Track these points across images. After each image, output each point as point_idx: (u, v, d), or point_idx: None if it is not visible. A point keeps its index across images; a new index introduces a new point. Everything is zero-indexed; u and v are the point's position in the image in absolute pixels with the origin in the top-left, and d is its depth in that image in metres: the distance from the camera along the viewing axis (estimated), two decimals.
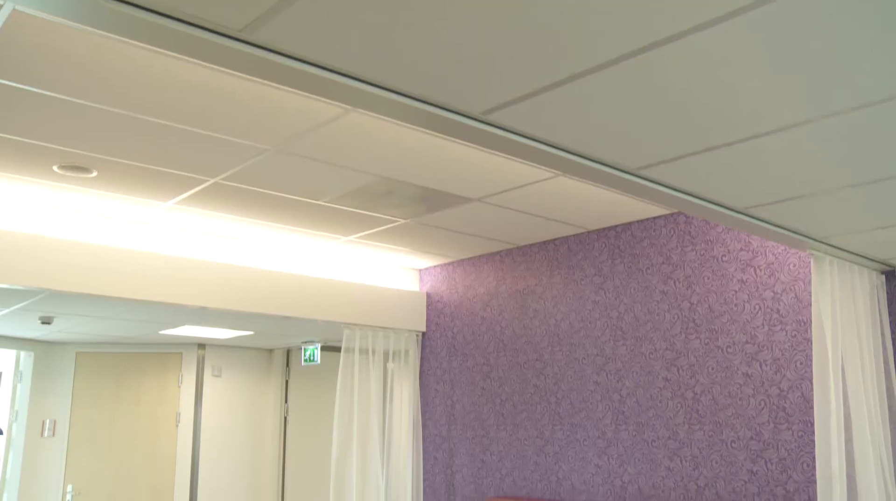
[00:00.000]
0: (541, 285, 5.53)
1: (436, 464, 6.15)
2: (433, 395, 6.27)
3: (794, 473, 4.02)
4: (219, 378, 7.86)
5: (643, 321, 4.85)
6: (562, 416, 5.25)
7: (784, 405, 4.10)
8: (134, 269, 4.90)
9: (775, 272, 4.24)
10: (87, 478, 7.59)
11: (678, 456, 4.55)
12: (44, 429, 7.58)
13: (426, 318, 6.44)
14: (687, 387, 4.56)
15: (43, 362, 7.66)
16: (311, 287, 5.71)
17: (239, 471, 7.89)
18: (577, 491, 5.08)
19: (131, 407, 7.71)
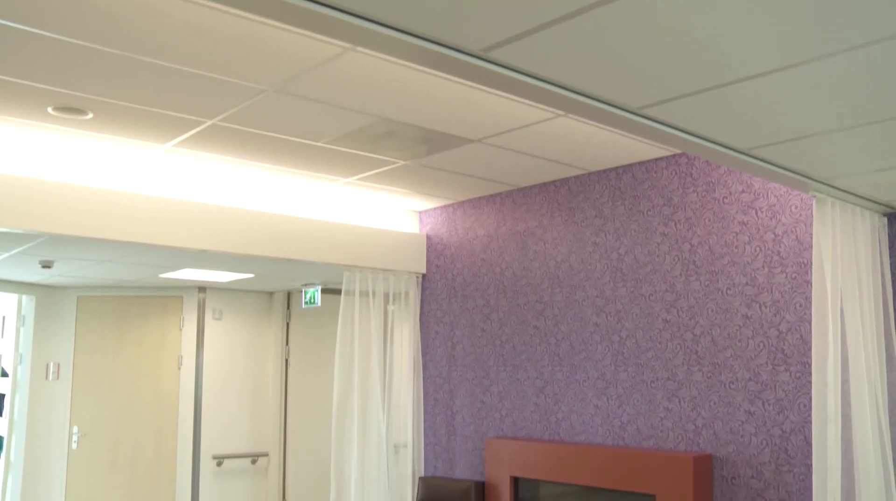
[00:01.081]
0: (541, 227, 5.52)
1: (436, 405, 6.22)
2: (433, 337, 6.31)
3: (791, 413, 4.06)
4: (220, 321, 7.90)
5: (643, 262, 4.85)
6: (561, 357, 5.28)
7: (783, 347, 4.13)
8: (133, 212, 4.88)
9: (777, 214, 4.22)
10: (93, 420, 7.69)
11: (677, 397, 4.60)
12: (48, 372, 7.65)
13: (426, 260, 6.44)
14: (686, 329, 4.58)
15: (45, 306, 7.69)
16: (310, 230, 5.70)
17: (241, 413, 7.98)
18: (576, 432, 5.15)
19: (133, 350, 7.77)
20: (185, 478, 7.58)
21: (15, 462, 7.48)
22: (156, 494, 7.58)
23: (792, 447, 4.05)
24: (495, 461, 5.38)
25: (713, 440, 4.40)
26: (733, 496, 4.28)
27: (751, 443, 4.22)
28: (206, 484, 7.65)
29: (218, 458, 7.73)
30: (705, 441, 4.44)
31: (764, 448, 4.16)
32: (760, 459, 4.17)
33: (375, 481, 5.92)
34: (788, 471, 4.05)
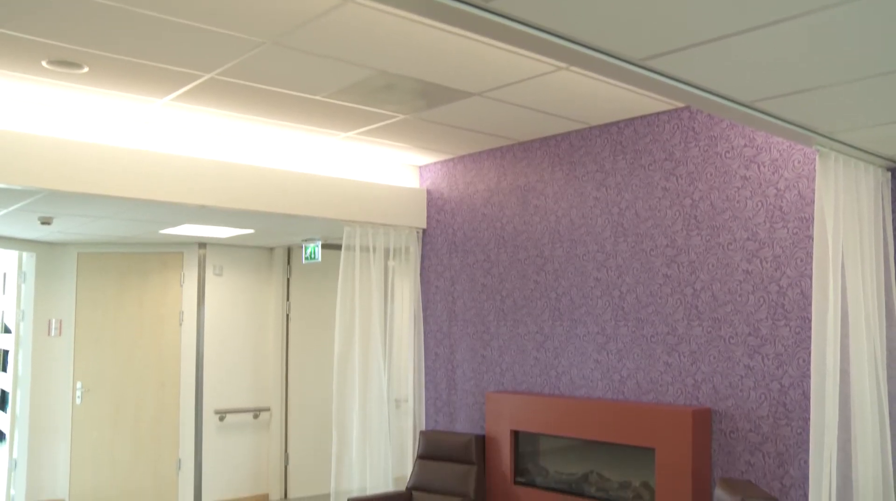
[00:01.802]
0: (542, 182, 5.49)
1: (437, 360, 6.26)
2: (434, 292, 6.32)
3: (790, 368, 4.08)
4: (220, 277, 7.91)
5: (644, 217, 4.83)
6: (562, 312, 5.29)
7: (783, 302, 4.13)
8: (131, 167, 4.85)
9: (779, 169, 4.19)
10: (96, 376, 7.74)
11: (676, 352, 4.62)
12: (50, 328, 7.69)
13: (426, 215, 6.42)
14: (687, 284, 4.58)
15: (45, 262, 7.70)
16: (310, 185, 5.67)
17: (243, 368, 8.04)
18: (576, 386, 5.18)
19: (134, 307, 7.79)
20: (188, 433, 7.66)
21: (21, 417, 7.56)
22: (159, 448, 7.67)
23: (790, 401, 4.07)
24: (495, 415, 5.43)
25: (712, 394, 4.43)
26: (731, 449, 4.32)
27: (749, 397, 4.25)
28: (208, 439, 7.73)
29: (220, 413, 7.80)
30: (704, 395, 4.47)
31: (762, 402, 4.19)
32: (759, 413, 4.20)
33: (377, 435, 5.98)
34: (786, 425, 4.08)
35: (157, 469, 7.66)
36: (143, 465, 7.67)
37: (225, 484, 7.83)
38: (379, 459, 5.99)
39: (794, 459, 4.05)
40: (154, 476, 7.65)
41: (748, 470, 4.24)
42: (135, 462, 7.67)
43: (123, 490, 7.66)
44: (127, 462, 7.68)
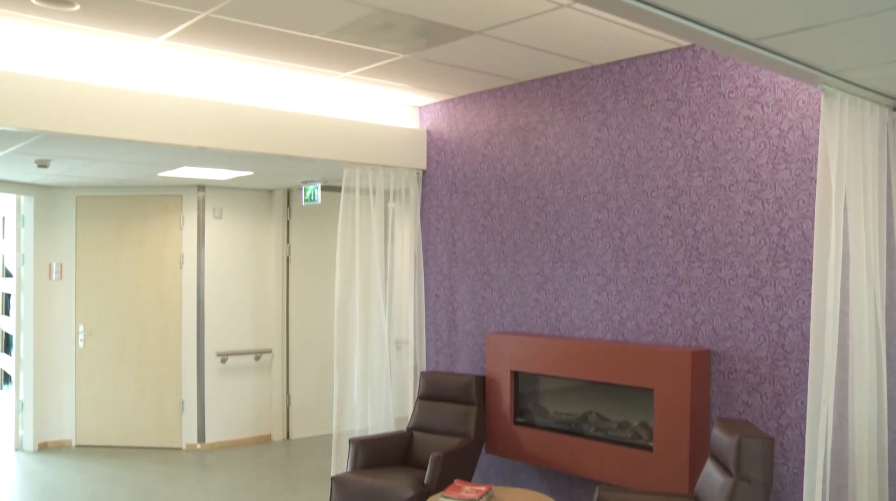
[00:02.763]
0: (543, 122, 5.43)
1: (437, 301, 6.28)
2: (434, 233, 6.31)
3: (790, 310, 4.09)
4: (220, 220, 7.89)
5: (646, 158, 4.79)
6: (562, 253, 5.29)
7: (784, 244, 4.12)
8: (128, 109, 4.79)
9: (783, 109, 4.14)
10: (97, 319, 7.79)
11: (676, 293, 4.62)
12: (51, 272, 7.70)
13: (426, 156, 6.37)
14: (688, 225, 4.57)
15: (44, 206, 7.68)
16: (309, 125, 5.61)
17: (244, 311, 8.07)
18: (575, 327, 5.20)
19: (135, 250, 7.80)
20: (190, 375, 7.74)
21: (25, 360, 7.62)
22: (163, 390, 7.75)
23: (789, 342, 4.09)
24: (496, 356, 5.46)
25: (712, 335, 4.45)
26: (730, 390, 4.35)
27: (748, 339, 4.27)
28: (210, 381, 7.81)
29: (222, 355, 7.86)
30: (704, 336, 4.48)
31: (761, 343, 4.21)
32: (757, 354, 4.22)
33: (378, 376, 6.03)
34: (784, 366, 4.11)
35: (161, 411, 7.75)
36: (146, 407, 7.76)
37: (227, 425, 7.94)
38: (380, 400, 6.06)
39: (791, 399, 4.09)
40: (157, 418, 7.75)
41: (746, 411, 4.28)
42: (138, 403, 7.76)
43: (128, 430, 7.76)
44: (130, 403, 7.77)
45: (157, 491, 6.26)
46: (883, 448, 3.53)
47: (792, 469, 4.10)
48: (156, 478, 6.66)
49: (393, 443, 5.42)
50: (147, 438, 7.77)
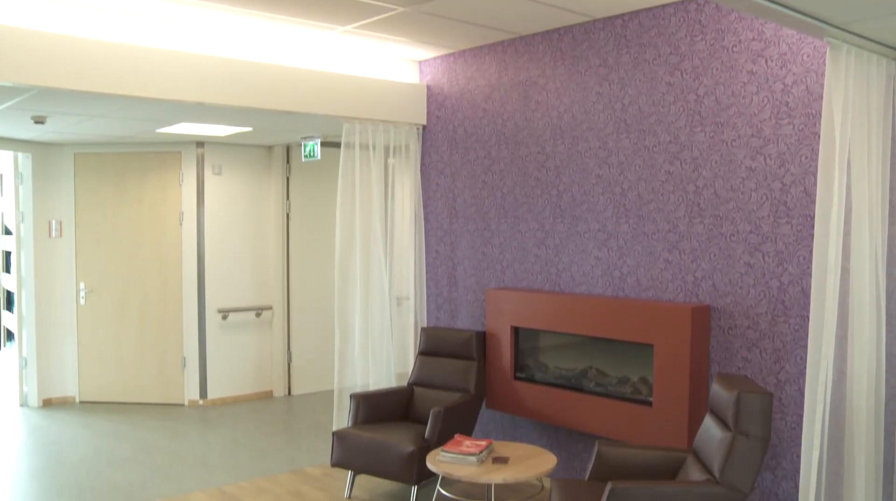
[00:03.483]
0: (544, 77, 5.37)
1: (437, 257, 6.27)
2: (434, 189, 6.28)
3: (790, 266, 4.08)
4: (219, 176, 7.86)
5: (648, 113, 4.74)
6: (563, 209, 5.27)
7: (785, 200, 4.09)
8: (125, 64, 4.73)
9: (787, 63, 4.08)
10: (98, 276, 7.79)
11: (677, 249, 4.61)
12: (50, 230, 7.69)
13: (426, 111, 6.32)
14: (689, 181, 4.54)
15: (42, 163, 7.64)
16: (308, 81, 5.55)
17: (244, 267, 8.08)
18: (576, 283, 5.20)
19: (134, 207, 7.77)
20: (191, 331, 7.77)
21: (27, 317, 7.65)
22: (164, 347, 7.79)
23: (789, 298, 4.09)
24: (496, 311, 5.48)
25: (712, 291, 4.45)
26: (729, 345, 4.37)
27: (749, 294, 4.27)
28: (212, 337, 7.84)
29: (223, 312, 7.88)
30: (704, 292, 4.49)
31: (761, 299, 4.21)
32: (757, 310, 4.23)
33: (378, 332, 6.06)
34: (784, 322, 4.12)
35: (163, 367, 7.80)
36: (148, 363, 7.81)
37: (229, 382, 8.00)
38: (381, 356, 6.09)
39: (790, 355, 4.10)
40: (160, 374, 7.81)
41: (745, 366, 4.30)
42: (140, 360, 7.81)
43: (130, 387, 7.82)
44: (133, 360, 7.82)
45: (160, 446, 6.33)
46: (880, 403, 3.55)
47: (790, 423, 4.13)
48: (158, 434, 6.73)
49: (394, 398, 5.46)
50: (149, 394, 7.83)
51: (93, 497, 5.12)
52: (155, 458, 6.01)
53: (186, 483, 5.41)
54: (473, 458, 4.41)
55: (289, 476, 5.58)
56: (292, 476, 5.56)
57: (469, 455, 4.42)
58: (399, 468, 4.74)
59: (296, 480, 5.47)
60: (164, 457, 6.04)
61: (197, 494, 5.19)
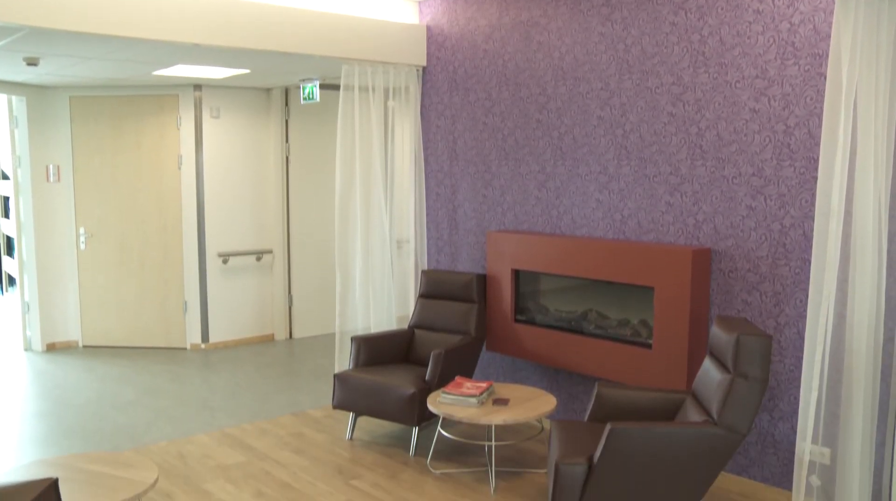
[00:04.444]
0: (545, 17, 5.27)
1: (438, 200, 6.25)
2: (434, 131, 6.22)
3: (792, 209, 4.06)
4: (217, 120, 7.78)
5: (651, 54, 4.67)
6: (564, 151, 5.22)
7: (789, 142, 4.05)
8: (118, 4, 4.64)
9: (794, 2, 3.99)
10: (98, 221, 7.78)
11: (679, 192, 4.58)
12: (48, 174, 7.65)
13: (426, 52, 6.22)
14: (692, 122, 4.49)
15: (37, 107, 7.55)
16: (306, 21, 5.45)
17: (244, 211, 8.05)
18: (577, 225, 5.18)
19: (132, 151, 7.71)
20: (192, 276, 7.78)
21: (28, 262, 7.66)
22: (166, 291, 7.81)
23: (790, 241, 4.08)
24: (497, 254, 5.47)
25: (713, 234, 4.43)
26: (730, 288, 4.37)
27: (750, 238, 4.25)
28: (212, 281, 7.86)
29: (223, 256, 7.89)
30: (705, 235, 4.47)
31: (762, 242, 4.20)
32: (758, 253, 4.22)
33: (379, 275, 6.06)
34: (785, 265, 4.11)
35: (164, 312, 7.84)
36: (149, 308, 7.84)
37: (231, 325, 8.04)
38: (382, 299, 6.11)
39: (790, 298, 4.10)
40: (161, 318, 7.84)
41: (745, 309, 4.31)
42: (142, 304, 7.84)
43: (133, 331, 7.87)
44: (134, 304, 7.85)
45: (163, 389, 6.39)
46: (879, 346, 3.57)
47: (788, 366, 4.15)
48: (161, 377, 6.79)
49: (394, 341, 5.49)
50: (152, 338, 7.88)
51: (98, 439, 5.19)
52: (158, 401, 6.07)
53: (190, 426, 5.48)
54: (474, 400, 4.45)
55: (291, 418, 5.64)
56: (294, 418, 5.62)
57: (469, 396, 4.46)
58: (400, 409, 4.79)
59: (298, 422, 5.54)
60: (168, 400, 6.10)
61: (200, 436, 5.25)
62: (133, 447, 5.07)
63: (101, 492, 3.22)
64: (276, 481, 4.46)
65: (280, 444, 5.08)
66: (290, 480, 4.47)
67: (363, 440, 5.16)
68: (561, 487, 3.54)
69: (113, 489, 3.26)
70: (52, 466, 3.51)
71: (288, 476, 4.53)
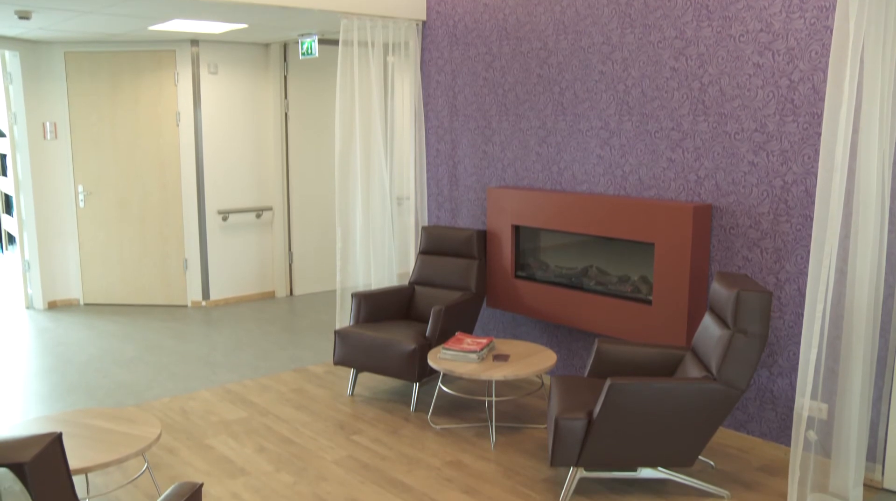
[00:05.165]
0: None
1: (438, 156, 6.21)
2: (434, 86, 6.16)
3: (794, 165, 4.03)
4: (215, 76, 7.70)
5: (653, 7, 4.59)
6: (565, 106, 5.18)
7: (793, 97, 4.01)
8: None
9: None
10: (96, 178, 7.74)
11: (680, 148, 4.55)
12: (45, 132, 7.59)
13: (426, 6, 6.13)
14: (694, 77, 4.44)
15: (31, 63, 7.46)
16: None
17: (243, 168, 8.01)
18: (577, 181, 5.16)
19: (130, 108, 7.65)
20: (192, 233, 7.77)
21: (27, 220, 7.64)
22: (166, 249, 7.80)
23: (792, 198, 4.06)
24: (497, 210, 5.45)
25: (714, 190, 4.41)
26: (730, 245, 4.36)
27: (751, 194, 4.23)
28: (213, 238, 7.85)
29: (223, 213, 7.86)
30: (706, 191, 4.45)
31: (764, 198, 4.18)
32: (760, 209, 4.20)
33: (379, 232, 6.05)
34: (786, 221, 4.09)
35: (165, 269, 7.84)
36: (150, 265, 7.84)
37: (231, 283, 8.05)
38: (382, 255, 6.10)
39: (791, 255, 4.10)
40: (162, 276, 7.85)
41: (745, 266, 4.31)
42: (142, 262, 7.84)
43: (133, 289, 7.88)
44: (135, 262, 7.85)
45: (164, 346, 6.42)
46: (879, 302, 3.57)
47: (788, 322, 4.16)
48: (163, 334, 6.81)
49: (395, 297, 5.50)
50: (153, 296, 7.90)
51: (102, 395, 5.23)
52: (160, 358, 6.10)
53: (191, 382, 5.51)
54: (474, 355, 4.46)
55: (292, 374, 5.67)
56: (295, 375, 5.65)
57: (470, 352, 4.48)
58: (400, 365, 4.81)
59: (299, 378, 5.57)
60: (169, 357, 6.13)
61: (202, 392, 5.29)
62: (136, 403, 5.10)
63: (106, 447, 3.25)
64: (278, 436, 4.50)
65: (281, 400, 5.11)
66: (291, 435, 4.51)
67: (364, 396, 5.19)
68: (561, 442, 3.57)
69: (117, 443, 3.28)
70: (56, 421, 3.54)
71: (289, 431, 4.57)
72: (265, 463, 4.13)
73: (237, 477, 3.96)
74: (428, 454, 4.24)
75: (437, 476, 3.96)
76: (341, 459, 4.18)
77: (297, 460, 4.17)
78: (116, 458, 3.15)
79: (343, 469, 4.06)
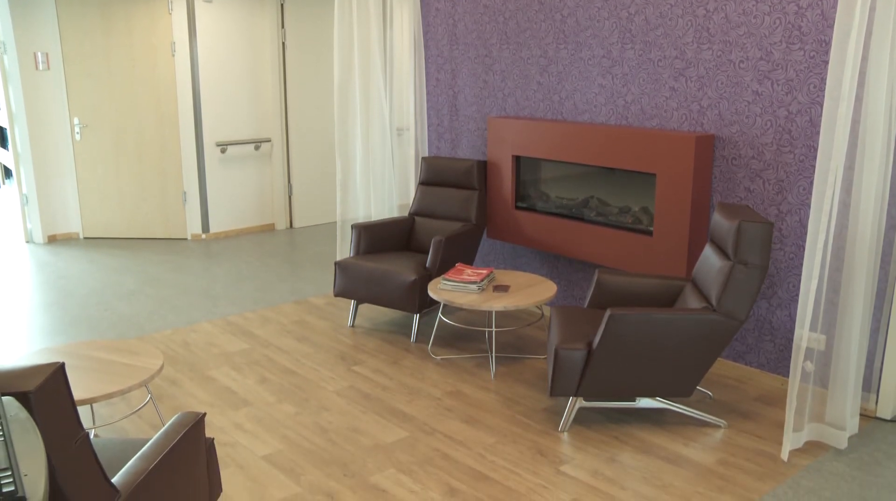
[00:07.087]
0: None
1: (438, 85, 6.12)
2: (434, 14, 6.04)
3: (800, 94, 3.96)
4: (210, 4, 7.53)
5: None
6: (566, 34, 5.08)
7: (799, 24, 3.92)
8: None
9: None
10: (92, 111, 7.64)
11: (683, 76, 4.47)
12: (37, 62, 7.46)
13: None
14: (699, 4, 4.34)
15: None
16: None
17: (241, 100, 7.91)
18: (579, 111, 5.09)
19: (123, 38, 7.50)
20: (190, 166, 7.71)
21: (23, 154, 7.57)
22: (164, 182, 7.76)
23: (796, 128, 4.00)
24: (497, 140, 5.40)
25: (717, 120, 4.35)
26: (732, 175, 4.32)
27: (755, 124, 4.18)
28: (211, 171, 7.80)
29: (221, 145, 7.79)
30: (709, 121, 4.39)
31: (768, 128, 4.12)
32: (763, 140, 4.15)
33: (379, 163, 6.00)
34: (789, 152, 4.05)
35: (164, 202, 7.81)
36: (149, 198, 7.81)
37: (231, 215, 8.03)
38: (382, 187, 6.07)
39: (793, 186, 4.06)
40: (161, 209, 7.82)
41: (747, 197, 4.28)
42: (141, 195, 7.80)
43: (133, 222, 7.86)
44: (133, 195, 7.81)
45: (165, 279, 6.43)
46: (881, 233, 3.55)
47: (788, 253, 4.15)
48: (163, 267, 6.82)
49: (395, 229, 5.49)
50: (152, 229, 7.88)
51: (104, 328, 5.26)
52: (161, 291, 6.12)
53: (193, 314, 5.54)
54: (474, 286, 4.47)
55: (293, 305, 5.70)
56: (296, 306, 5.68)
57: (470, 283, 4.48)
58: (401, 296, 4.83)
59: (300, 310, 5.60)
60: (170, 290, 6.15)
61: (203, 324, 5.32)
62: (137, 335, 5.13)
63: (109, 378, 3.27)
64: (280, 367, 4.53)
65: (283, 331, 5.14)
66: (293, 366, 4.55)
67: (364, 327, 5.22)
68: (560, 372, 3.60)
69: (120, 375, 3.31)
70: (58, 353, 3.56)
71: (291, 362, 4.61)
72: (267, 394, 4.17)
73: (240, 408, 4.01)
74: (428, 384, 4.29)
75: (437, 406, 4.01)
76: (342, 389, 4.22)
77: (298, 390, 4.21)
78: (120, 389, 3.18)
79: (344, 399, 4.10)
